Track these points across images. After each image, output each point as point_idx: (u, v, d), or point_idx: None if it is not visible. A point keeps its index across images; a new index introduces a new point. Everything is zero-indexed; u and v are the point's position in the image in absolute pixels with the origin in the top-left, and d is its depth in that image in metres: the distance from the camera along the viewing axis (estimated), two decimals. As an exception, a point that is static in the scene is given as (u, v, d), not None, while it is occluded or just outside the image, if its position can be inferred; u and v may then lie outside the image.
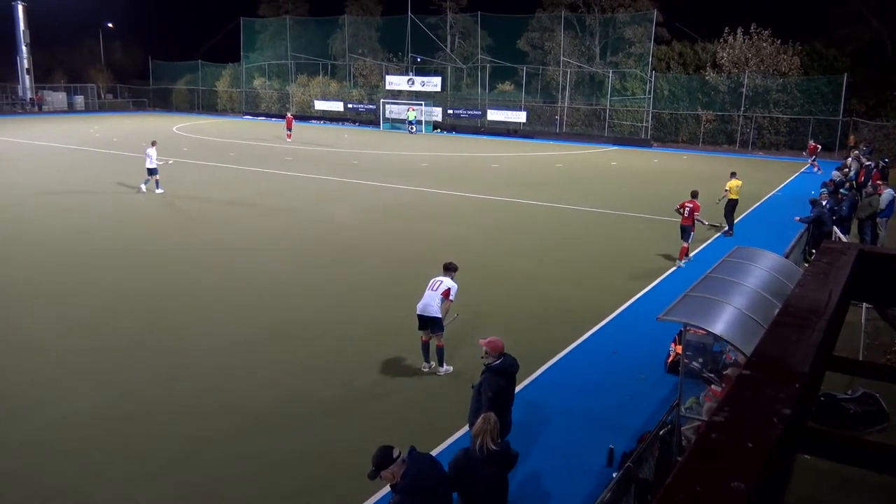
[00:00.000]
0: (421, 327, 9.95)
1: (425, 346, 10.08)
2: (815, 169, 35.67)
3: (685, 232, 16.53)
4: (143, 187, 24.02)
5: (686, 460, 1.29)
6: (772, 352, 1.86)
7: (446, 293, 9.84)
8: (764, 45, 48.08)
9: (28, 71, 67.08)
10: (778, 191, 29.65)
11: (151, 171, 23.71)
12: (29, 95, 67.63)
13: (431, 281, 10.03)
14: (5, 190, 23.74)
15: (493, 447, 5.63)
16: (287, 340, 11.26)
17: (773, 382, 1.64)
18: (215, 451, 7.91)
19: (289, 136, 44.24)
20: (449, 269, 10.16)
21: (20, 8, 64.66)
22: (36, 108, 67.38)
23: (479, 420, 5.80)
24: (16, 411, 8.65)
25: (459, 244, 18.03)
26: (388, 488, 5.93)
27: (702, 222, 17.19)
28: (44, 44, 69.64)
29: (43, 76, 71.48)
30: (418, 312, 9.83)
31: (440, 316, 9.81)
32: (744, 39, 48.68)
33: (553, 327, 12.15)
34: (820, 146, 38.48)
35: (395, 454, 5.27)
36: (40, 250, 16.31)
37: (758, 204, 25.55)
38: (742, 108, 48.16)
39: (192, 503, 7.05)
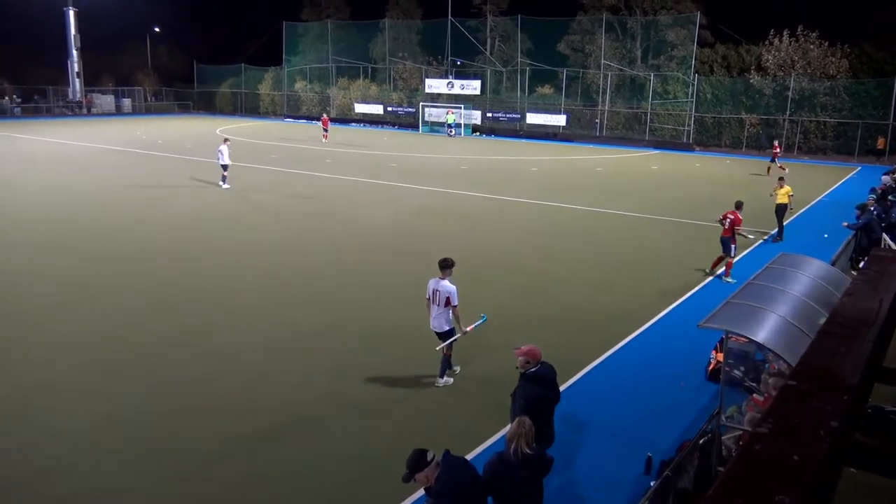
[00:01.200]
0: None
1: (446, 359, 9.77)
2: (779, 169, 33.46)
3: (725, 245, 15.51)
4: (223, 185, 25.95)
5: (729, 472, 1.26)
6: (819, 362, 1.81)
7: (447, 302, 9.39)
8: (811, 47, 47.04)
9: (78, 74, 68.91)
10: (824, 196, 28.98)
11: (224, 167, 25.84)
12: (79, 98, 69.48)
13: (430, 287, 9.58)
14: (60, 194, 24.40)
15: (528, 451, 5.58)
16: (323, 341, 11.34)
17: (820, 394, 1.58)
18: (252, 450, 8.00)
19: (325, 136, 45.76)
20: (445, 267, 9.58)
21: (72, 14, 66.51)
22: (85, 111, 69.18)
23: (514, 424, 5.76)
24: (58, 408, 8.88)
25: (496, 247, 18.02)
26: (422, 491, 5.92)
27: (744, 236, 16.62)
28: (93, 48, 71.51)
29: (92, 79, 73.41)
30: (433, 329, 9.65)
31: (451, 327, 9.54)
32: (790, 42, 47.70)
33: (590, 333, 12.03)
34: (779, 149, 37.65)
35: (430, 457, 5.27)
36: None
37: (804, 209, 24.99)
38: (787, 112, 47.17)
39: (229, 501, 7.14)
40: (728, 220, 15.37)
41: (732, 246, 15.46)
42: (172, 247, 17.07)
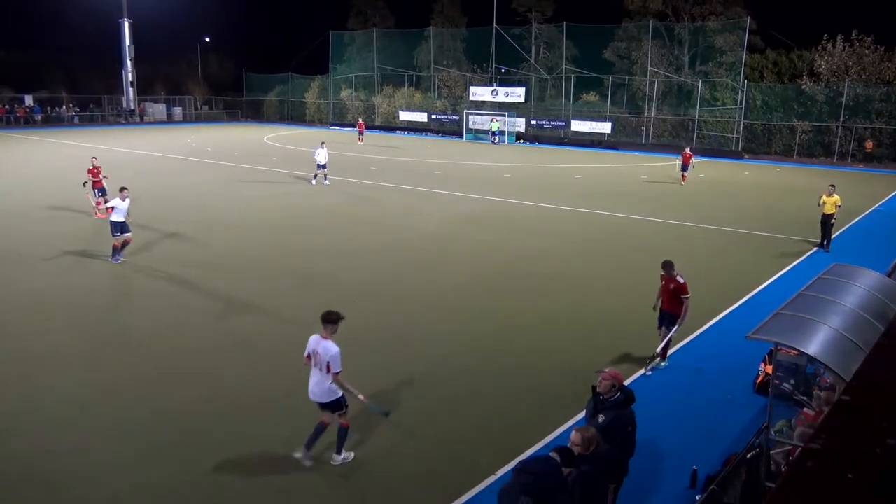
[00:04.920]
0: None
1: (320, 428, 7.83)
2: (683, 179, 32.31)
3: (665, 319, 10.92)
4: (314, 181, 28.78)
5: (779, 489, 1.21)
6: (874, 377, 1.74)
7: (328, 367, 7.53)
8: (866, 52, 45.82)
9: (132, 84, 70.84)
10: (880, 205, 28.11)
11: (321, 167, 28.52)
12: (132, 107, 71.45)
13: (310, 344, 7.74)
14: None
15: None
16: (370, 348, 11.40)
17: (876, 410, 1.52)
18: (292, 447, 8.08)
19: (360, 140, 51.24)
20: (328, 323, 7.64)
21: (126, 25, 68.48)
22: (138, 119, 71.07)
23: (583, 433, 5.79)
24: (116, 405, 9.11)
25: (541, 254, 17.94)
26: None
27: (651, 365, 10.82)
28: (147, 58, 73.50)
29: (145, 89, 75.42)
30: (312, 398, 7.79)
31: (335, 398, 7.67)
32: (844, 47, 46.53)
33: (636, 342, 11.84)
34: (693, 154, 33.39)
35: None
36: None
37: (857, 219, 24.29)
38: (841, 119, 45.95)
39: (280, 488, 7.23)
40: (670, 287, 10.79)
41: (675, 326, 10.77)
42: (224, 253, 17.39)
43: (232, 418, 8.86)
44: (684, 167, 32.24)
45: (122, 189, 16.21)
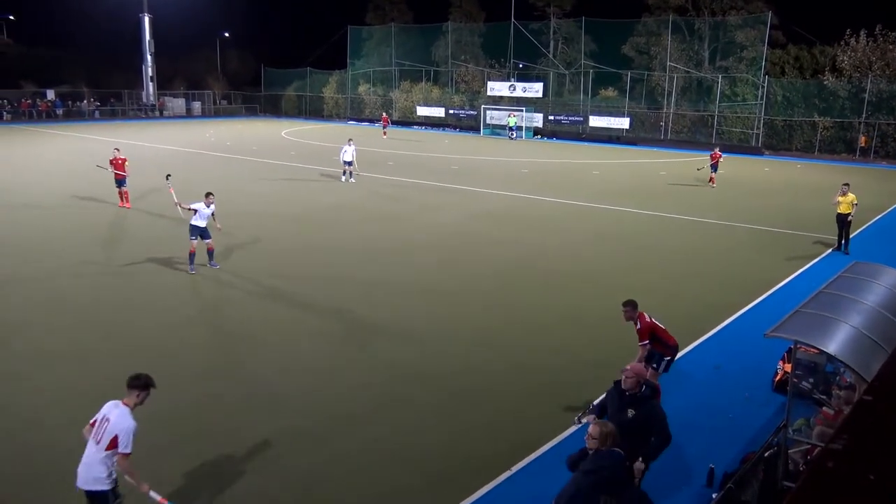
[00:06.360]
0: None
1: None
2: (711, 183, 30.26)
3: (651, 357, 9.10)
4: (343, 179, 28.55)
5: (799, 489, 1.21)
6: (897, 377, 1.72)
7: (113, 443, 5.79)
8: (890, 47, 45.16)
9: (152, 78, 71.45)
10: (902, 203, 27.74)
11: (347, 163, 28.20)
12: (152, 101, 72.04)
13: (102, 410, 6.00)
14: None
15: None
16: (390, 344, 11.44)
17: (898, 410, 1.51)
18: (313, 444, 8.14)
19: (384, 134, 52.00)
20: (134, 388, 6.01)
21: (147, 20, 69.02)
22: (157, 113, 71.63)
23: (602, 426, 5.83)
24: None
25: (556, 250, 17.90)
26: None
27: None
28: (166, 53, 74.12)
29: (165, 83, 76.03)
30: (78, 486, 5.94)
31: (101, 490, 5.85)
32: (867, 42, 45.89)
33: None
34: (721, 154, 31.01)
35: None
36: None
37: (879, 217, 23.98)
38: (864, 115, 45.35)
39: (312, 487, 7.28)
40: (642, 324, 9.04)
41: (662, 360, 9.15)
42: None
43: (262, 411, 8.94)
44: (714, 167, 30.13)
45: (207, 194, 15.02)
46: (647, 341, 8.85)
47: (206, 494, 7.20)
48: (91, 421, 6.01)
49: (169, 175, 17.16)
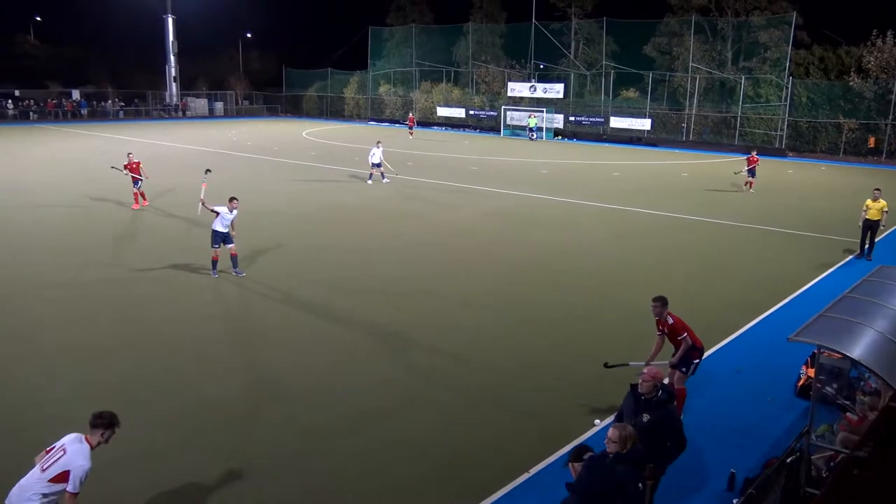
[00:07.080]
0: None
1: None
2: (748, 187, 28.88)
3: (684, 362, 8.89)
4: (370, 181, 28.40)
5: (825, 495, 1.21)
6: (923, 384, 1.71)
7: (62, 477, 5.35)
8: (918, 48, 44.51)
9: (175, 79, 72.21)
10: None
11: (376, 165, 28.23)
12: (175, 102, 72.80)
13: (62, 439, 5.60)
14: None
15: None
16: (410, 344, 11.47)
17: (924, 418, 1.50)
18: (332, 441, 8.20)
19: (411, 134, 53.10)
20: (96, 427, 5.60)
21: (170, 21, 69.76)
22: (180, 114, 72.37)
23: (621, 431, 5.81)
24: (163, 392, 9.33)
25: (574, 251, 17.86)
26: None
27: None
28: (189, 54, 74.86)
29: (188, 84, 76.82)
30: None
31: None
32: (894, 42, 45.22)
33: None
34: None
35: (585, 456, 5.71)
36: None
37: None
38: (890, 117, 44.67)
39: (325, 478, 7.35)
40: (667, 327, 9.00)
41: (690, 363, 8.91)
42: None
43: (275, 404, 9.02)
44: (751, 172, 28.55)
45: (231, 199, 14.51)
46: (685, 334, 8.79)
47: (229, 487, 7.27)
48: (47, 448, 5.60)
49: (209, 170, 16.82)
